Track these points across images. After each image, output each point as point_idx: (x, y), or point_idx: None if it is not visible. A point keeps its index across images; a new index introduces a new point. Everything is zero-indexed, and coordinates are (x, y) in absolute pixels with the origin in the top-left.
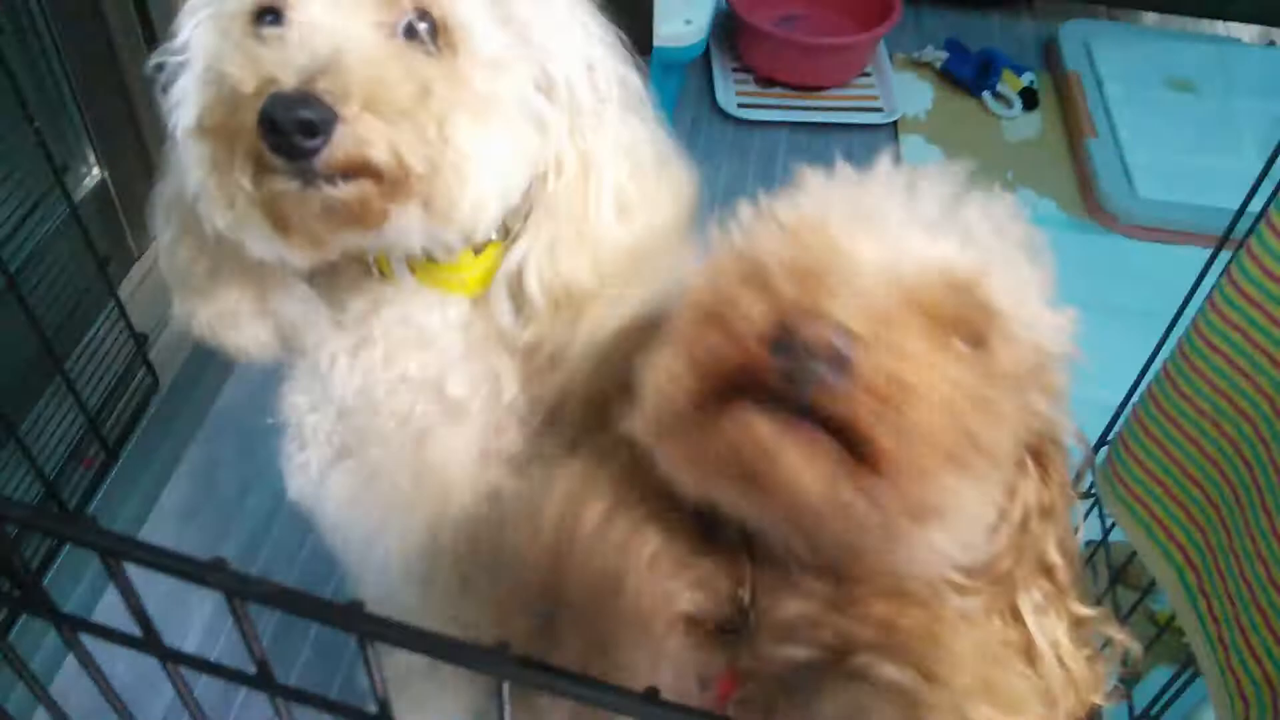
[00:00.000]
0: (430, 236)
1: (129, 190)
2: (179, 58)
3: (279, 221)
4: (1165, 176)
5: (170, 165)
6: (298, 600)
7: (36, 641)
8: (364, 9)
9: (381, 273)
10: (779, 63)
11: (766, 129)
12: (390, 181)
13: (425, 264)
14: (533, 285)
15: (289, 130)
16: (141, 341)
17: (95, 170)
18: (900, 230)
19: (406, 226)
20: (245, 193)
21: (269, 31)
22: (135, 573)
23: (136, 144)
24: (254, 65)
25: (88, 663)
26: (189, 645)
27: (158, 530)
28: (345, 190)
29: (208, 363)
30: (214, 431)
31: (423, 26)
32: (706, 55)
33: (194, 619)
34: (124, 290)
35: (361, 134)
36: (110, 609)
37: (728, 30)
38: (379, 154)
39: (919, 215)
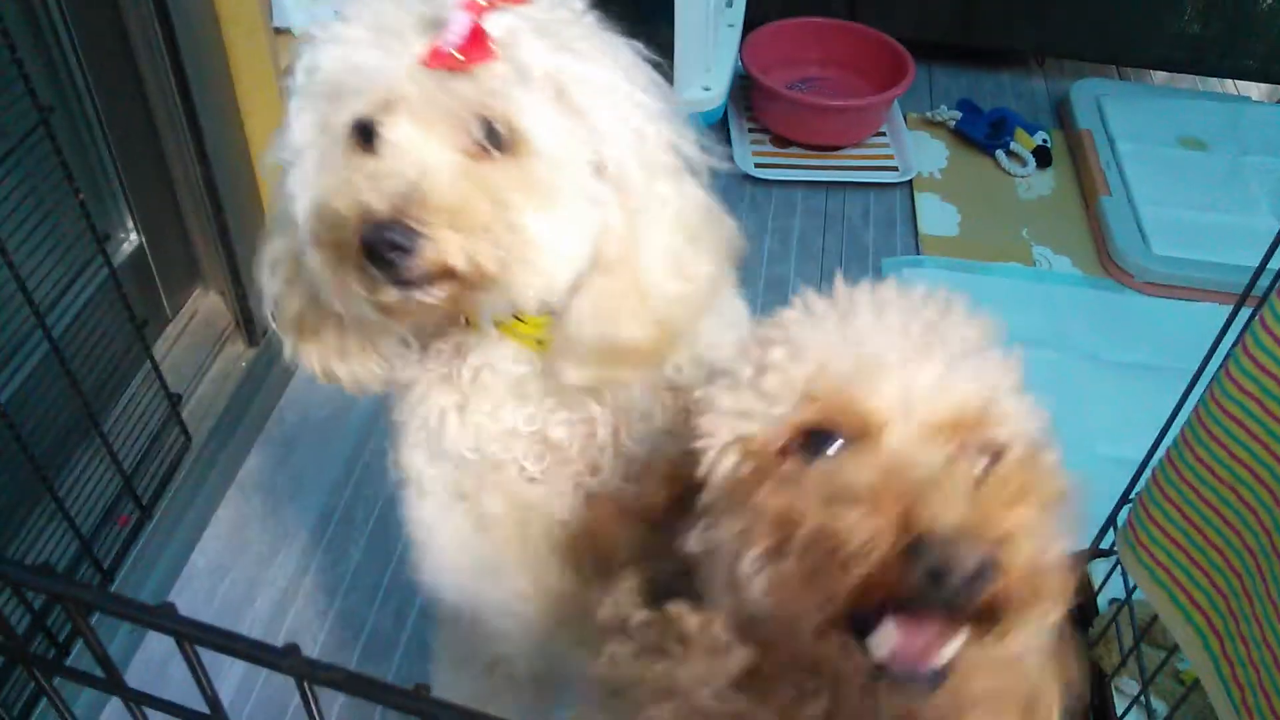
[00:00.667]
0: (512, 309)
1: (164, 254)
2: (289, 155)
3: (386, 312)
4: (1179, 233)
5: (278, 227)
6: (367, 685)
7: (72, 698)
8: (442, 128)
9: (467, 322)
10: (794, 123)
11: (783, 188)
12: (470, 281)
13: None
14: (586, 337)
15: (383, 251)
16: (176, 401)
17: (133, 236)
18: (910, 368)
19: (491, 306)
20: (357, 295)
21: (363, 160)
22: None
23: (173, 210)
24: (354, 196)
25: None
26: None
27: (189, 587)
28: (435, 293)
29: (238, 422)
30: (244, 490)
31: (491, 136)
32: (724, 115)
33: (223, 681)
34: (158, 350)
35: (442, 249)
36: (138, 673)
37: (744, 91)
38: (458, 262)
39: (933, 353)
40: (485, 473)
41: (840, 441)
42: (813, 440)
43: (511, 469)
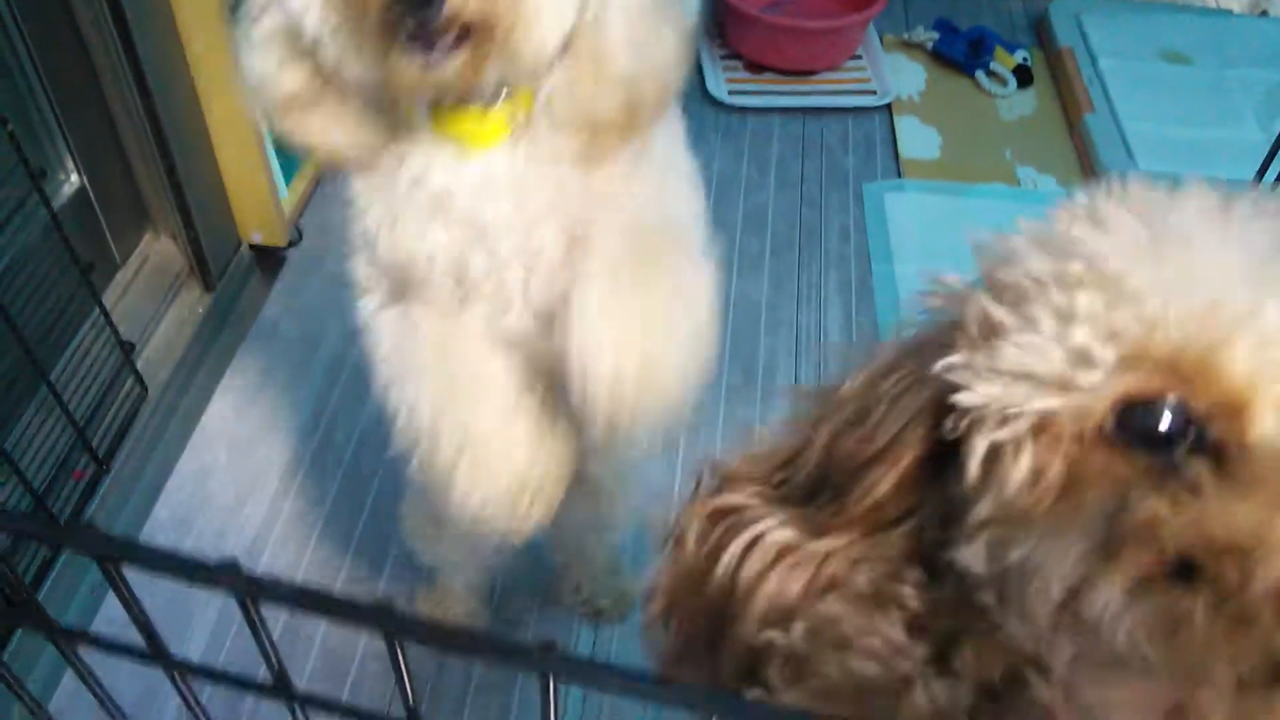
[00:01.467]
0: (506, 83)
1: (109, 196)
2: None
3: (397, 82)
4: (1165, 149)
5: (265, 5)
6: (320, 601)
7: (33, 658)
8: None
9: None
10: (768, 48)
11: (759, 115)
12: (483, 39)
13: (450, 114)
14: (561, 115)
15: None
16: (129, 350)
17: (74, 176)
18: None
19: (495, 76)
20: (372, 55)
21: None
22: (135, 582)
23: (115, 148)
24: None
25: (87, 678)
26: (193, 653)
27: (153, 541)
28: (454, 61)
29: (197, 370)
30: (207, 439)
31: None
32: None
33: (197, 627)
34: (108, 298)
35: None
36: (109, 621)
37: (715, 16)
38: (475, 12)
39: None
40: (414, 286)
41: (1174, 418)
42: (1130, 418)
43: (437, 288)
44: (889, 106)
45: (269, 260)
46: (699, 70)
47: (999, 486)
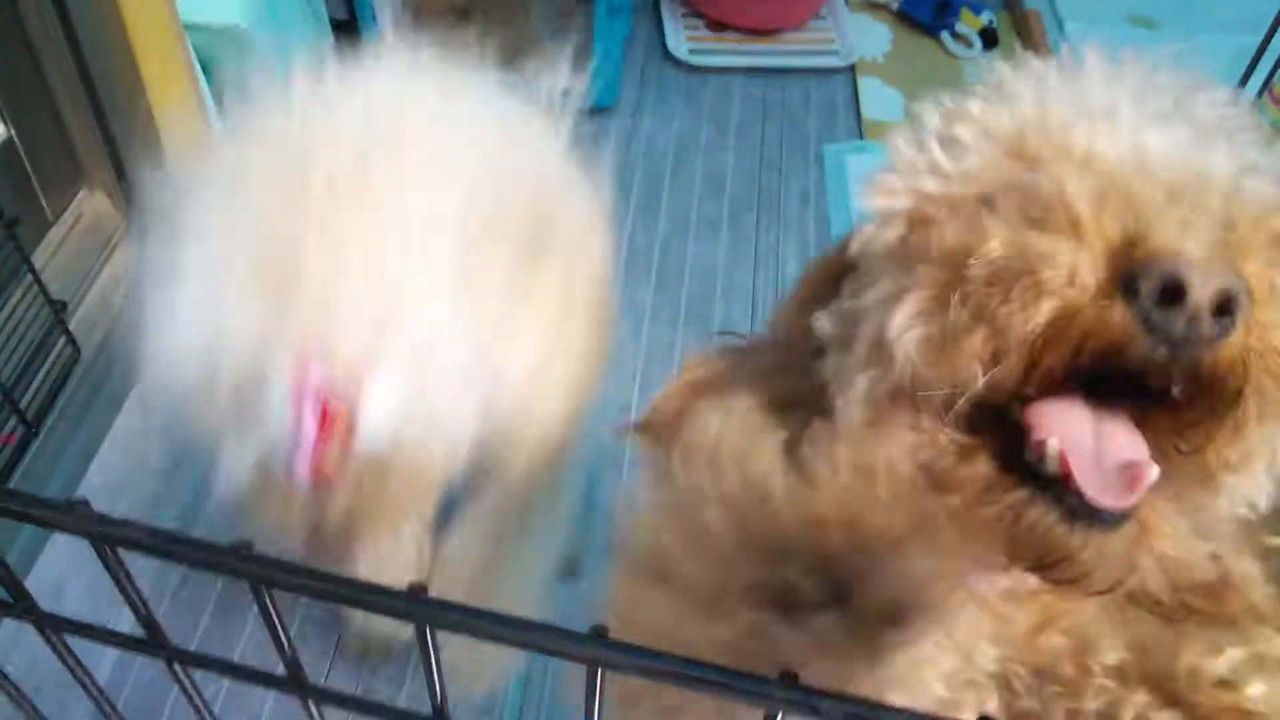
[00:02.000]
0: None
1: (39, 150)
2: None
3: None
4: None
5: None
6: (175, 544)
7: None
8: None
9: None
10: (730, 6)
11: (720, 75)
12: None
13: None
14: None
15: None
16: (60, 309)
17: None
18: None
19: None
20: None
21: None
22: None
23: (46, 100)
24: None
25: (75, 669)
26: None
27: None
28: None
29: (132, 330)
30: (142, 403)
31: None
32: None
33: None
34: (39, 257)
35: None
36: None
37: None
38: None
39: (1175, 121)
40: None
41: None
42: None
43: None
44: (852, 68)
45: None
46: (659, 28)
47: (866, 252)
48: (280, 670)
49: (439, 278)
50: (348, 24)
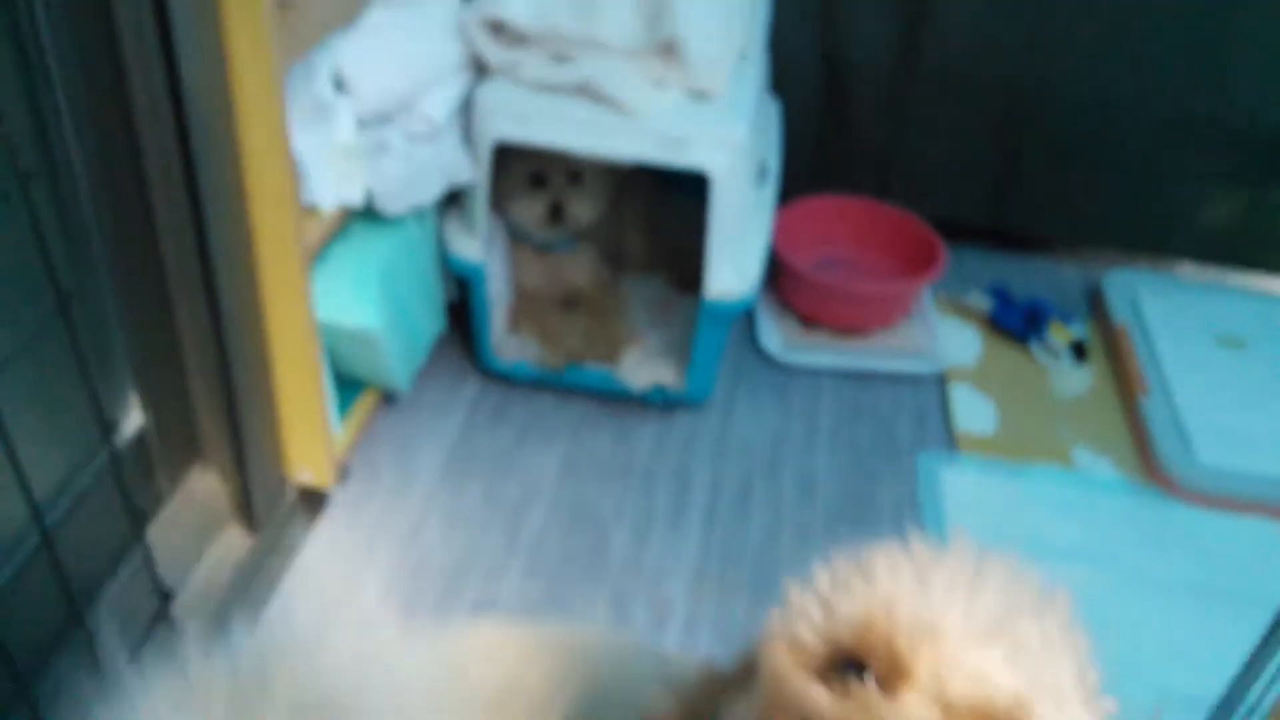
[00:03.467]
0: None
1: (167, 431)
2: None
3: None
4: (1225, 439)
5: None
6: None
7: None
8: None
9: None
10: (821, 306)
11: (810, 374)
12: None
13: None
14: None
15: None
16: (167, 598)
17: (135, 414)
18: (960, 643)
19: None
20: None
21: None
22: None
23: (180, 387)
24: None
25: None
26: None
27: None
28: None
29: (229, 617)
30: None
31: None
32: None
33: None
34: (152, 536)
35: None
36: None
37: (769, 269)
38: None
39: (979, 624)
40: None
41: (871, 679)
42: (852, 667)
43: None
44: (943, 373)
45: (313, 501)
46: (751, 322)
47: (760, 671)
48: None
49: None
50: (458, 308)
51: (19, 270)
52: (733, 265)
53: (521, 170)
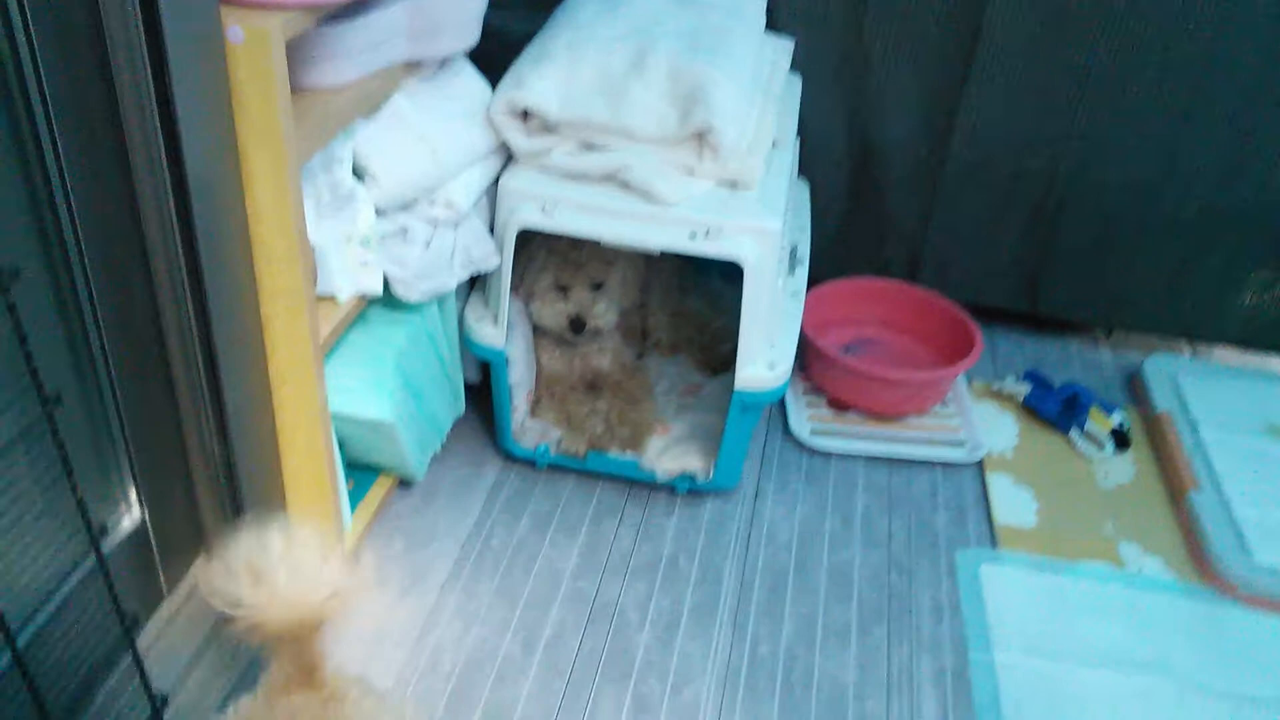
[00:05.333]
0: None
1: (167, 529)
2: None
3: None
4: None
5: None
6: None
7: None
8: None
9: None
10: (853, 391)
11: (842, 461)
12: None
13: None
14: None
15: None
16: (160, 706)
17: (135, 510)
18: None
19: None
20: None
21: None
22: None
23: (183, 485)
24: None
25: None
26: None
27: None
28: None
29: None
30: None
31: None
32: None
33: None
34: (149, 634)
35: None
36: None
37: (798, 351)
38: None
39: None
40: None
41: None
42: None
43: None
44: (980, 461)
45: None
46: (781, 405)
47: None
48: None
49: None
50: (479, 387)
51: (5, 368)
52: (765, 354)
53: (546, 269)
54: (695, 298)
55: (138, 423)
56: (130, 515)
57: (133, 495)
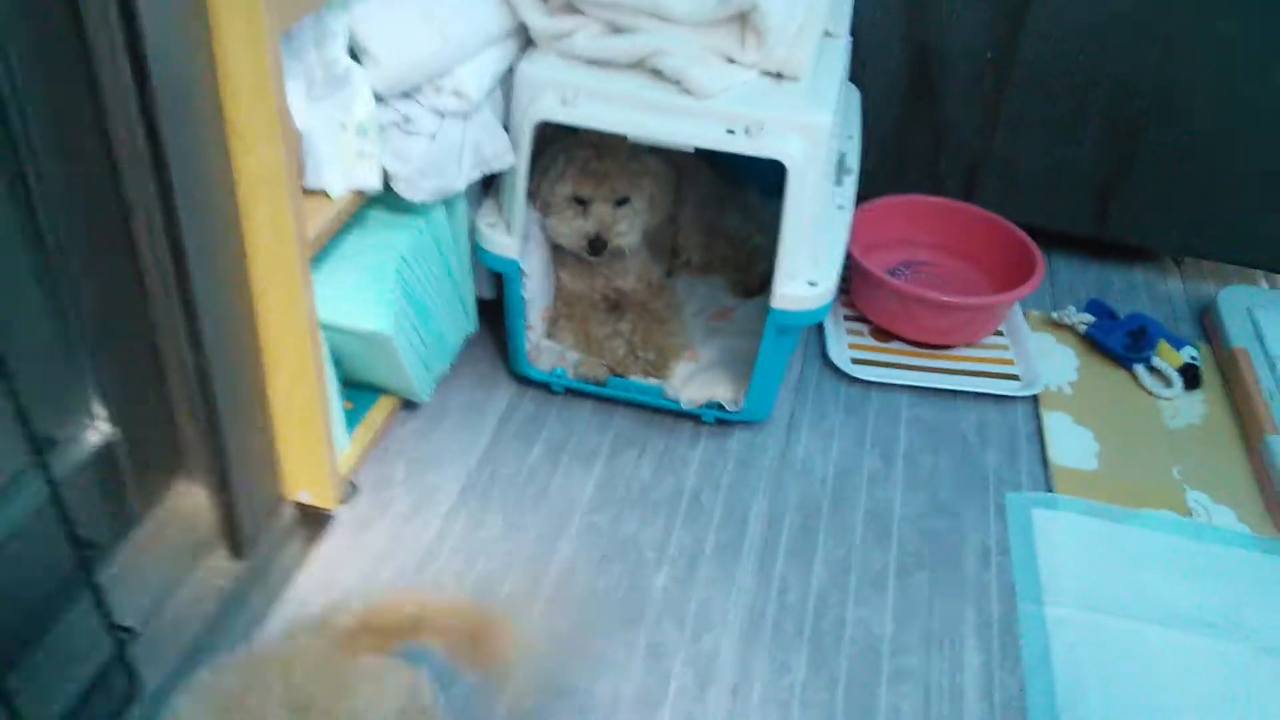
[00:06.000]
0: None
1: (139, 445)
2: None
3: None
4: None
5: None
6: None
7: None
8: None
9: None
10: (898, 316)
11: (884, 390)
12: None
13: None
14: None
15: None
16: (124, 638)
17: (102, 424)
18: None
19: None
20: None
21: None
22: None
23: (155, 388)
24: None
25: None
26: None
27: None
28: None
29: (201, 660)
30: None
31: None
32: None
33: None
34: (122, 560)
35: None
36: None
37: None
38: None
39: None
40: None
41: None
42: None
43: None
44: (1036, 397)
45: (313, 521)
46: (820, 332)
47: None
48: None
49: None
50: (494, 303)
51: None
52: (806, 270)
53: (565, 178)
54: (732, 213)
55: (102, 327)
56: (96, 430)
57: (97, 409)
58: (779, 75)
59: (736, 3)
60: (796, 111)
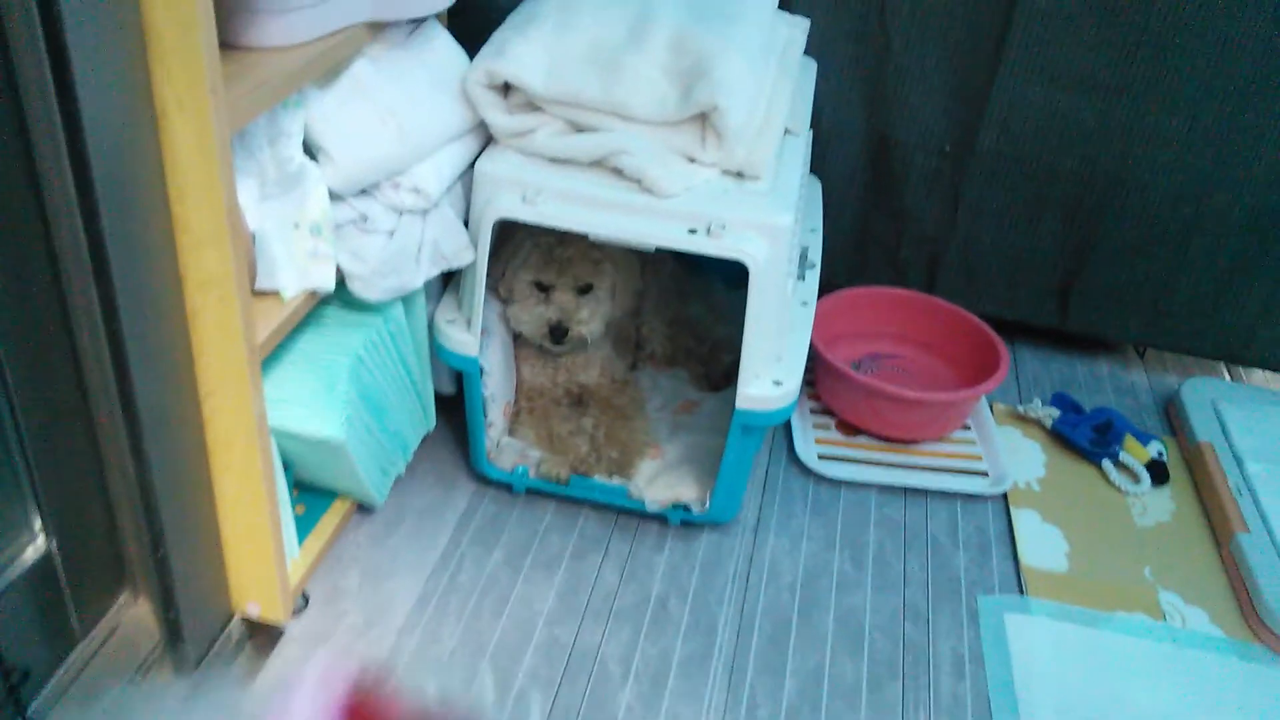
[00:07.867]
0: None
1: (80, 559)
2: None
3: None
4: None
5: None
6: None
7: None
8: None
9: None
10: (863, 411)
11: (852, 489)
12: None
13: None
14: None
15: None
16: None
17: (40, 540)
18: None
19: None
20: None
21: None
22: None
23: (99, 502)
24: None
25: None
26: None
27: None
28: None
29: None
30: None
31: None
32: None
33: None
34: (60, 679)
35: None
36: None
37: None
38: None
39: None
40: None
41: None
42: None
43: None
44: (1004, 494)
45: (263, 635)
46: (786, 428)
47: None
48: None
49: None
50: (455, 398)
51: None
52: (771, 369)
53: (527, 265)
54: (695, 304)
55: (41, 435)
56: (34, 546)
57: (36, 523)
58: (740, 175)
59: (697, 103)
60: (758, 212)
